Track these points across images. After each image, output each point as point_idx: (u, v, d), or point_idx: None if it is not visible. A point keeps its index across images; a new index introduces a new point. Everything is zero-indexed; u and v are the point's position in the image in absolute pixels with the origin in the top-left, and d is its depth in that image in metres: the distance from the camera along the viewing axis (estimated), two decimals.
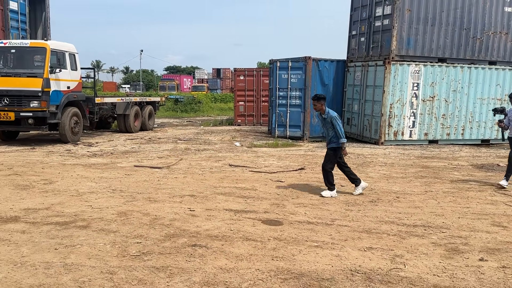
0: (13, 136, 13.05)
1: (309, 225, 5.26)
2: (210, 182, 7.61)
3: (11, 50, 11.88)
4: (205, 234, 4.86)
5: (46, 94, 11.33)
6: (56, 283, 3.56)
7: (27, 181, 7.32)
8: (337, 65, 14.52)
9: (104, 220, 5.30)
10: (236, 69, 20.39)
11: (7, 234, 4.71)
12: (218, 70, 64.32)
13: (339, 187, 7.33)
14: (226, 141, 13.74)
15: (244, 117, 20.06)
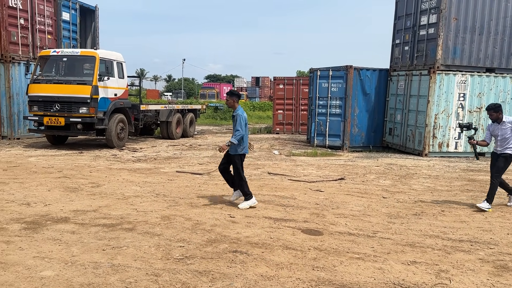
0: (63, 140, 13.69)
1: (350, 236, 5.19)
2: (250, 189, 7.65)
3: (63, 59, 12.52)
4: (245, 241, 4.90)
5: (94, 101, 11.84)
6: (104, 282, 3.71)
7: (76, 184, 7.67)
8: (379, 74, 14.31)
9: (148, 223, 5.47)
10: (275, 78, 20.50)
11: (58, 234, 4.95)
12: (257, 78, 64.82)
13: (381, 199, 7.20)
14: (264, 149, 13.80)
15: (282, 126, 20.09)
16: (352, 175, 9.44)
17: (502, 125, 6.66)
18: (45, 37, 15.52)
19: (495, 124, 6.79)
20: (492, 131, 6.85)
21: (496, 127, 6.76)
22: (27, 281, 3.68)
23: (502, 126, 6.66)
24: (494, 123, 6.80)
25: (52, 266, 4.02)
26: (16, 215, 5.61)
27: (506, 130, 6.62)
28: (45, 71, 12.49)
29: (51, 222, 5.36)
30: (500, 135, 6.69)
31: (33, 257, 4.23)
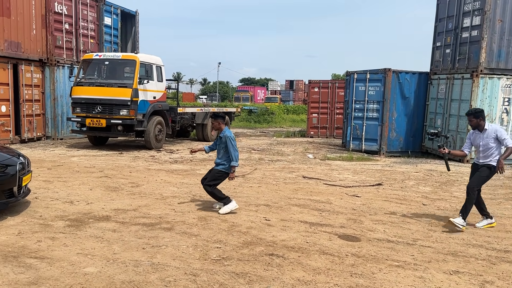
0: (103, 141, 14.15)
1: (389, 244, 5.08)
2: (284, 193, 7.66)
3: (105, 62, 12.97)
4: (281, 244, 4.89)
5: (134, 103, 12.17)
6: (145, 280, 3.80)
7: (116, 184, 7.90)
8: (419, 77, 13.95)
9: (186, 223, 5.56)
10: (310, 81, 20.37)
11: (100, 231, 5.11)
12: (291, 81, 64.70)
13: (421, 206, 7.01)
14: (299, 153, 13.74)
15: (317, 129, 19.93)
16: (390, 181, 9.24)
17: (484, 133, 5.77)
18: (88, 41, 16.13)
19: (476, 132, 5.90)
20: (472, 140, 5.97)
21: (477, 135, 5.88)
22: (72, 277, 3.82)
23: (484, 135, 5.77)
24: (475, 131, 5.93)
25: (95, 263, 4.16)
26: (60, 213, 5.84)
27: (488, 140, 5.73)
28: (87, 74, 12.96)
29: (93, 220, 5.55)
30: (481, 145, 5.80)
31: (76, 253, 4.39)
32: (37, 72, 14.38)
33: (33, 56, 14.06)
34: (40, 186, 7.30)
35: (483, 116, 5.81)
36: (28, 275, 3.81)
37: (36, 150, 12.33)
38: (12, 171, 5.40)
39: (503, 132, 5.76)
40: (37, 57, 14.26)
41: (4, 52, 12.94)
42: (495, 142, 5.72)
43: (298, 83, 62.60)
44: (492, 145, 5.72)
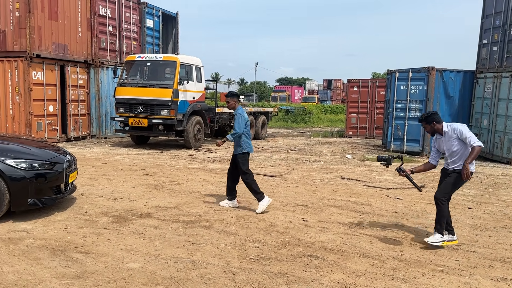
0: (145, 140, 14.54)
1: (433, 248, 4.92)
2: (322, 194, 7.58)
3: (147, 63, 13.32)
4: (320, 246, 4.85)
5: (175, 103, 12.44)
6: (185, 277, 3.87)
7: (157, 182, 8.10)
8: (464, 76, 13.43)
9: (224, 222, 5.62)
10: (349, 80, 20.07)
11: (142, 228, 5.26)
12: (329, 81, 63.95)
13: (466, 210, 6.74)
14: (337, 153, 13.56)
15: (356, 129, 19.61)
16: (433, 183, 8.92)
17: (445, 136, 5.09)
18: (130, 43, 16.63)
19: (438, 136, 5.23)
20: (437, 146, 5.29)
21: (440, 140, 5.22)
22: (115, 272, 3.95)
23: (445, 138, 5.10)
24: (436, 135, 5.24)
25: (137, 258, 4.28)
26: (105, 209, 6.05)
27: (451, 142, 5.03)
28: (130, 75, 13.35)
29: (135, 217, 5.71)
30: (446, 149, 5.14)
31: (120, 249, 4.53)
32: (82, 73, 14.98)
33: (79, 57, 14.66)
34: (86, 183, 7.60)
35: (436, 119, 5.08)
36: (75, 269, 3.97)
37: (82, 148, 12.84)
38: (60, 168, 5.64)
39: (464, 130, 4.98)
40: (83, 59, 14.84)
41: (52, 54, 13.57)
42: (459, 143, 4.98)
43: (336, 82, 61.79)
44: (456, 148, 4.99)
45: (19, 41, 12.85)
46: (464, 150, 4.97)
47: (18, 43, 12.86)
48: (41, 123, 13.30)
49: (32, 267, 3.97)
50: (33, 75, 12.98)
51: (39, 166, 5.39)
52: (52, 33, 13.53)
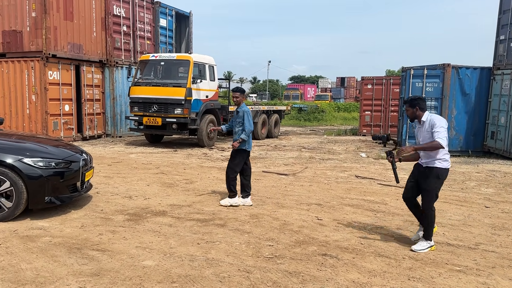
0: (159, 139, 14.64)
1: (449, 247, 4.85)
2: (336, 192, 7.54)
3: (160, 63, 13.40)
4: (335, 245, 4.82)
5: (188, 102, 12.49)
6: (200, 275, 3.88)
7: (171, 180, 8.15)
8: (480, 73, 13.19)
9: (238, 220, 5.62)
10: (363, 78, 19.89)
11: (157, 226, 5.29)
12: (342, 79, 63.50)
13: (483, 209, 6.63)
14: (351, 151, 13.47)
15: (370, 127, 19.44)
16: (450, 182, 8.81)
17: (423, 126, 4.72)
18: (144, 43, 16.75)
19: (417, 124, 4.87)
20: (415, 135, 4.98)
21: (418, 129, 4.86)
22: (131, 269, 3.98)
23: (423, 127, 4.73)
24: (415, 122, 4.88)
25: (153, 256, 4.31)
26: (120, 207, 6.10)
27: (427, 134, 4.65)
28: (144, 74, 13.45)
29: (150, 215, 5.76)
30: (422, 140, 4.75)
31: (135, 246, 4.57)
32: (97, 73, 15.14)
33: (93, 57, 14.82)
34: (101, 182, 7.68)
35: (421, 105, 4.70)
36: (91, 266, 4.02)
37: (97, 147, 12.99)
38: (76, 167, 5.71)
39: (438, 123, 4.56)
40: (97, 58, 15.01)
41: (68, 54, 13.75)
42: (432, 136, 4.56)
43: (349, 80, 61.31)
44: (429, 140, 4.58)
45: (35, 41, 13.05)
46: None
47: (35, 43, 13.06)
48: (57, 122, 13.49)
49: (50, 264, 4.03)
50: (49, 74, 13.17)
51: (56, 165, 5.46)
52: (67, 33, 13.70)
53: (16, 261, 4.06)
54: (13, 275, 3.76)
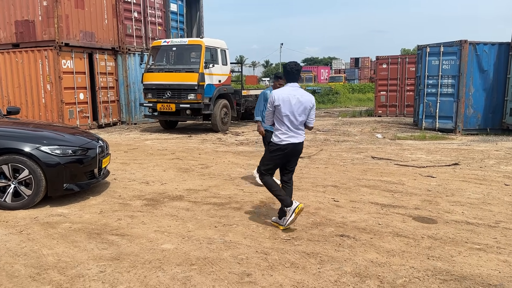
0: (173, 125, 14.70)
1: (469, 226, 4.78)
2: (353, 174, 7.48)
3: (172, 48, 13.36)
4: (352, 226, 4.79)
5: (201, 87, 12.47)
6: (218, 257, 3.91)
7: (187, 165, 8.19)
8: (499, 48, 12.83)
9: (254, 203, 5.63)
10: (378, 57, 19.55)
11: (175, 210, 5.34)
12: (357, 59, 62.51)
13: (503, 186, 6.50)
14: (366, 133, 13.33)
15: (385, 108, 19.19)
16: (468, 160, 8.67)
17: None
18: (156, 28, 16.70)
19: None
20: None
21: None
22: (150, 253, 4.03)
23: None
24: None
25: (171, 240, 4.35)
26: (138, 193, 6.17)
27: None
28: (157, 60, 13.44)
29: (168, 200, 5.80)
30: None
31: (154, 231, 4.61)
32: (110, 61, 15.19)
33: (106, 45, 14.85)
34: (118, 168, 7.76)
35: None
36: (111, 251, 4.08)
37: (113, 134, 13.12)
38: (93, 154, 5.76)
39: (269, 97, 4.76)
40: (110, 46, 15.03)
41: (80, 42, 13.80)
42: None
43: (364, 60, 60.34)
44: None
45: (47, 30, 13.11)
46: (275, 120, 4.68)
47: (47, 33, 13.13)
48: (72, 111, 13.64)
49: (70, 249, 4.10)
50: (63, 63, 13.26)
51: (73, 152, 5.53)
52: (79, 21, 13.73)
53: (37, 247, 4.15)
54: (36, 261, 3.84)
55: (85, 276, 3.55)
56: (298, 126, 4.60)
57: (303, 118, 4.59)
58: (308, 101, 4.58)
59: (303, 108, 4.55)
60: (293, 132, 4.59)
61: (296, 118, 4.55)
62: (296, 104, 4.52)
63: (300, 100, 4.52)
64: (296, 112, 4.53)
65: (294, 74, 4.62)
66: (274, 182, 4.74)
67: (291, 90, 4.57)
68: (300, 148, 4.69)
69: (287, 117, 4.54)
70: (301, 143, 4.67)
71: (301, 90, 4.62)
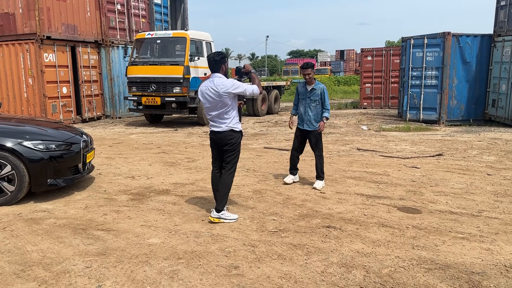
0: (159, 118, 14.59)
1: (452, 215, 4.87)
2: (339, 166, 7.54)
3: (157, 41, 13.20)
4: (338, 217, 4.84)
5: (186, 80, 12.37)
6: (206, 251, 3.91)
7: (173, 159, 8.14)
8: (481, 40, 13.01)
9: (241, 196, 5.64)
10: (363, 50, 19.65)
11: (161, 204, 5.31)
12: (342, 52, 62.72)
13: (485, 176, 6.63)
14: (351, 125, 13.42)
15: (370, 100, 19.33)
16: (451, 151, 8.81)
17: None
18: (139, 21, 16.48)
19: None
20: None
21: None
22: (137, 247, 4.00)
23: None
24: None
25: (158, 234, 4.33)
26: (123, 187, 6.11)
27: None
28: (141, 53, 13.28)
29: (154, 194, 5.77)
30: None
31: (140, 225, 4.59)
32: (93, 54, 14.96)
33: (89, 38, 14.61)
34: (103, 163, 7.68)
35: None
36: (97, 246, 4.04)
37: (97, 128, 12.95)
38: (77, 148, 5.69)
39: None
40: (93, 39, 14.79)
41: (62, 35, 13.54)
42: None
43: (349, 52, 60.58)
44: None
45: (28, 23, 12.84)
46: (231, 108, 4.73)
47: (28, 26, 12.85)
48: (55, 105, 13.41)
49: (55, 245, 4.05)
50: (45, 57, 13.02)
51: (56, 147, 5.44)
52: (61, 14, 13.46)
53: (21, 244, 4.09)
54: (20, 257, 3.78)
55: (71, 272, 3.52)
56: (218, 116, 4.61)
57: (223, 106, 4.55)
58: (224, 89, 4.49)
59: (219, 96, 4.51)
60: (212, 121, 4.70)
61: (215, 108, 4.58)
62: (213, 94, 4.53)
63: (216, 90, 4.51)
64: (213, 102, 4.56)
65: (212, 65, 4.61)
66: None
67: (208, 82, 4.62)
68: (222, 136, 4.64)
69: (206, 108, 4.68)
70: (224, 131, 4.62)
71: (218, 79, 4.55)
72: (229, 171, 4.73)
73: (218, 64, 4.60)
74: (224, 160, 4.75)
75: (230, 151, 4.69)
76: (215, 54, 4.65)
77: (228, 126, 4.63)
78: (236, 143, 4.70)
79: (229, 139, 4.64)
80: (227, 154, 4.71)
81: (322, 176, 6.20)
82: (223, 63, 4.63)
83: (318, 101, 6.06)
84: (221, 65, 4.62)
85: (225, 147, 4.68)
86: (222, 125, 4.63)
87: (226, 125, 4.62)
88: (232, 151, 4.70)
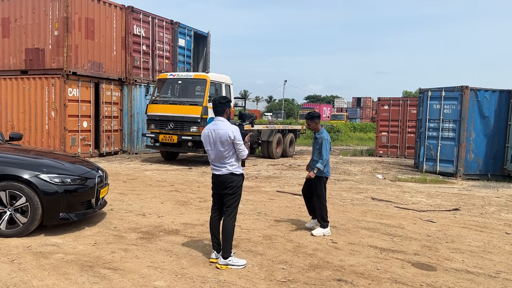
0: (174, 156, 14.72)
1: (468, 275, 4.68)
2: (352, 215, 7.41)
3: (178, 81, 13.57)
4: (350, 270, 4.70)
5: (204, 120, 12.56)
6: None
7: (185, 198, 8.13)
8: (499, 95, 12.98)
9: (251, 241, 5.55)
10: (380, 98, 19.78)
11: (170, 245, 5.25)
12: (359, 99, 63.32)
13: (504, 235, 6.41)
14: (367, 173, 13.29)
15: (386, 148, 19.22)
16: (468, 206, 8.59)
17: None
18: (163, 62, 17.02)
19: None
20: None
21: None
22: None
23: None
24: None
25: (164, 276, 4.26)
26: (133, 225, 6.09)
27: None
28: (162, 92, 13.63)
29: (163, 234, 5.73)
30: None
31: (147, 266, 4.53)
32: (116, 91, 15.40)
33: (113, 75, 15.10)
34: (116, 198, 7.71)
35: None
36: (102, 285, 3.98)
37: (113, 163, 13.10)
38: (91, 183, 5.74)
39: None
40: (117, 77, 15.28)
41: (88, 71, 14.04)
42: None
43: (365, 100, 61.10)
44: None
45: (56, 59, 13.38)
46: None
47: (56, 61, 13.39)
48: (75, 138, 13.70)
49: (61, 282, 4.01)
50: (69, 91, 13.44)
51: (71, 181, 5.51)
52: (88, 52, 14.03)
53: (28, 278, 4.06)
54: None
55: None
56: (218, 159, 4.64)
57: (223, 150, 4.60)
58: (225, 133, 4.56)
59: (221, 141, 4.58)
60: (213, 165, 4.73)
61: (216, 151, 4.63)
62: (215, 138, 4.61)
63: (218, 133, 4.58)
64: (214, 146, 4.63)
65: (217, 108, 4.70)
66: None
67: (211, 125, 4.72)
68: (222, 180, 4.64)
69: (208, 151, 4.72)
70: (224, 175, 4.63)
71: (221, 123, 4.66)
72: (229, 215, 4.68)
73: (222, 107, 4.70)
74: (224, 204, 4.73)
75: (231, 195, 4.68)
76: (220, 97, 4.77)
77: (228, 169, 4.65)
78: (237, 186, 4.69)
79: (230, 182, 4.65)
80: (227, 198, 4.70)
81: (323, 224, 6.08)
82: (227, 107, 4.75)
83: (319, 149, 6.14)
84: (225, 109, 4.72)
85: (225, 190, 4.67)
86: (222, 168, 4.65)
87: (226, 168, 4.64)
88: (232, 195, 4.69)
